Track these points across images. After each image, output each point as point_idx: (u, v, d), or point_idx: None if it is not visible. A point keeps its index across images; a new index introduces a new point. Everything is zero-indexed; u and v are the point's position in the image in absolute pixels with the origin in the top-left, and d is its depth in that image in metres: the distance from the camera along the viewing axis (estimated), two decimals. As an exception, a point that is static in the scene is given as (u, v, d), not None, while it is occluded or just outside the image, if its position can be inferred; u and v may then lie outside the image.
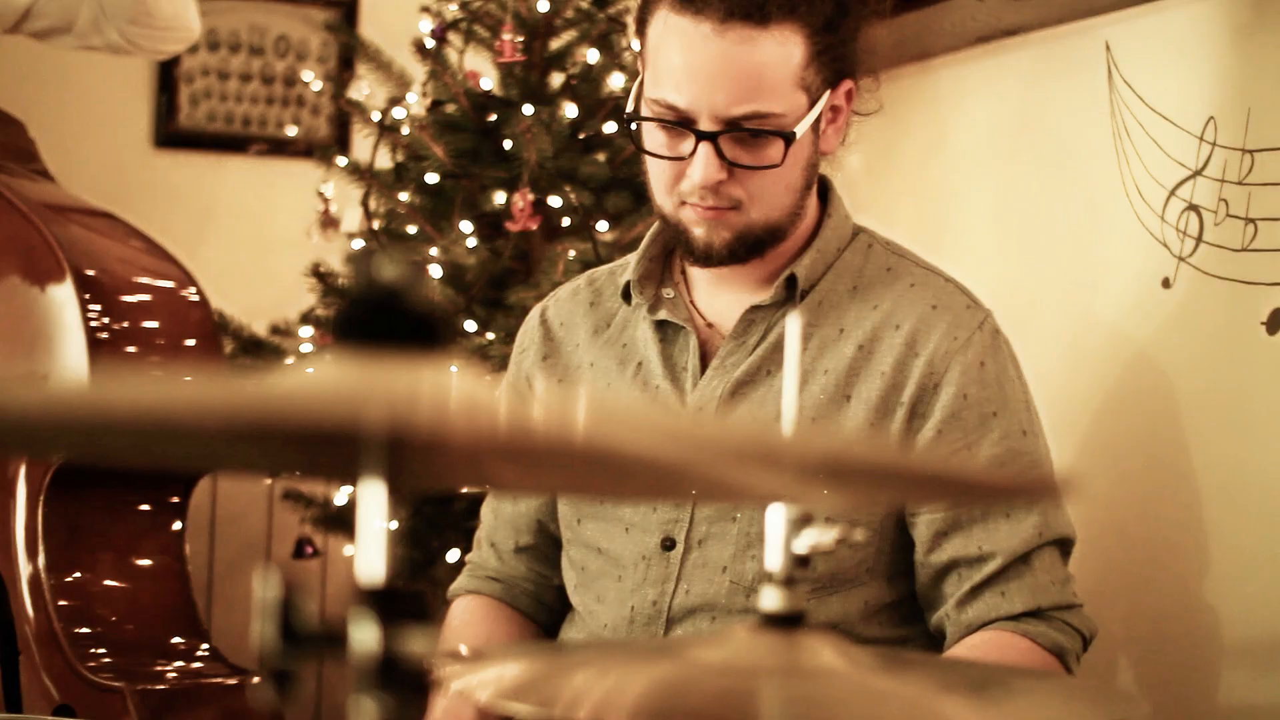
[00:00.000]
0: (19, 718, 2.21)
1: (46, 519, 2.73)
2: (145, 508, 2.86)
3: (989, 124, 2.82)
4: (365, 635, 0.77)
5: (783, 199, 1.93)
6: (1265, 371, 2.18)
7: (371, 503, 0.79)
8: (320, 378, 0.70)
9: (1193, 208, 2.31)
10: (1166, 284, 2.34)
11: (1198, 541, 2.30)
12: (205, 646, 2.84)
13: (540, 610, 2.16)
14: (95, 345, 2.68)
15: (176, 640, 2.83)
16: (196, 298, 2.87)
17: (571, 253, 3.01)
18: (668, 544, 1.96)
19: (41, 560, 2.71)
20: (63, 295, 2.72)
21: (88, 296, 2.71)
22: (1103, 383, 2.49)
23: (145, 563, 2.86)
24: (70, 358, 2.70)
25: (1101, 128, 2.49)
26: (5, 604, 2.72)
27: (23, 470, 2.73)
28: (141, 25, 2.96)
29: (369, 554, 0.79)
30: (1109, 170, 2.47)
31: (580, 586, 2.06)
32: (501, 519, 2.17)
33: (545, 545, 2.15)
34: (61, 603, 2.70)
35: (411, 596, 0.77)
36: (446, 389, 0.73)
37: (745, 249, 1.94)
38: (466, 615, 2.14)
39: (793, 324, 1.12)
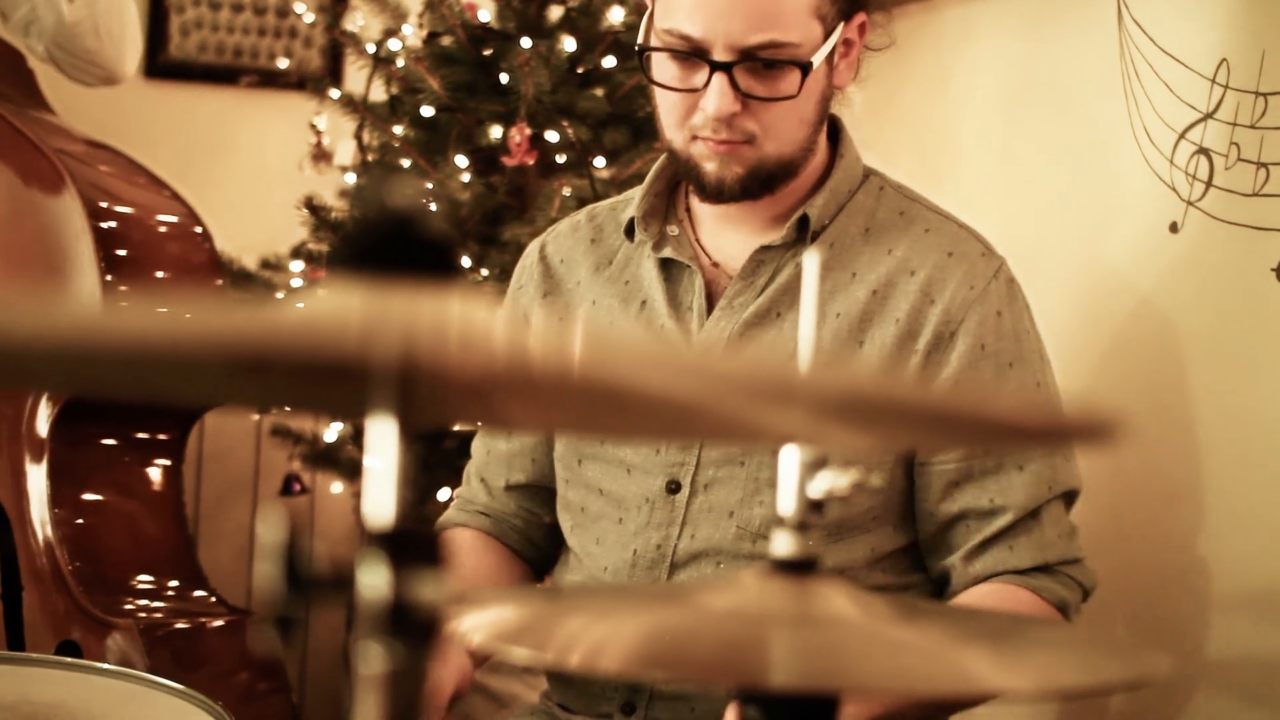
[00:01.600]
0: (22, 655, 2.19)
1: (52, 454, 2.72)
2: (146, 445, 2.85)
3: (994, 65, 2.77)
4: (374, 579, 0.73)
5: (796, 133, 1.90)
6: (1275, 320, 2.15)
7: (380, 440, 0.75)
8: (329, 306, 0.66)
9: (1203, 151, 2.27)
10: (1174, 229, 2.30)
11: (1196, 493, 2.28)
12: (201, 584, 2.85)
13: (529, 548, 2.14)
14: (106, 276, 2.67)
15: (174, 577, 2.83)
16: (200, 231, 2.87)
17: (567, 189, 2.98)
18: (673, 487, 1.93)
19: (46, 495, 2.70)
20: (75, 225, 2.70)
21: (99, 227, 2.70)
22: (1106, 329, 2.45)
23: (146, 500, 2.86)
24: (82, 288, 2.69)
25: (1110, 69, 2.44)
26: (10, 539, 2.72)
27: (29, 406, 2.71)
28: (64, 50, 2.94)
29: (377, 494, 0.75)
30: (1117, 113, 2.42)
31: (578, 528, 2.03)
32: (494, 455, 2.14)
33: (537, 484, 2.12)
34: (65, 538, 2.69)
35: (423, 539, 0.74)
36: (460, 319, 0.69)
37: (758, 184, 1.90)
38: (454, 547, 2.11)
39: (810, 262, 1.08)
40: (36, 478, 2.72)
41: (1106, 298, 2.45)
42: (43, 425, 2.73)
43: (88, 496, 2.78)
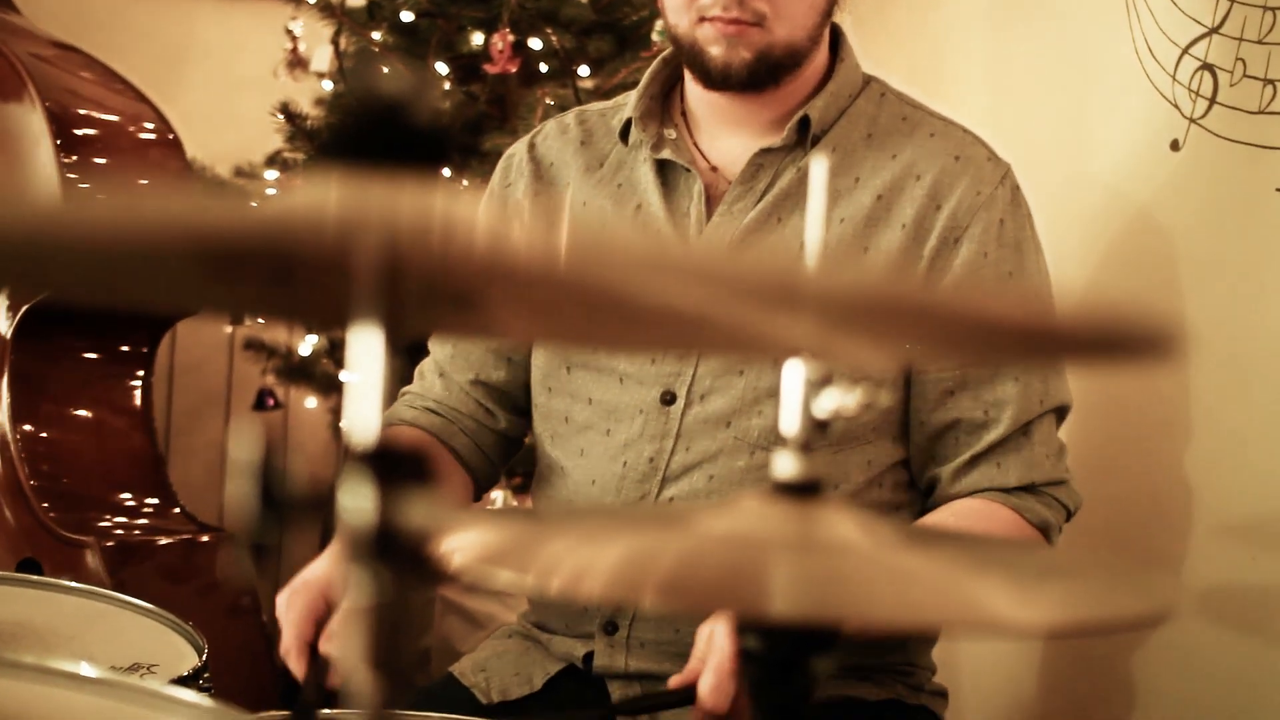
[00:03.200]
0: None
1: (14, 366, 2.65)
2: (112, 357, 2.80)
3: (990, -25, 2.70)
4: (356, 500, 0.67)
5: (806, 18, 1.87)
6: (1278, 241, 2.10)
7: (362, 351, 0.69)
8: (307, 199, 0.60)
9: (1207, 67, 2.21)
10: (1175, 146, 2.24)
11: (1185, 417, 2.24)
12: (170, 500, 2.80)
13: (474, 455, 2.05)
14: (66, 182, 2.60)
15: (142, 494, 2.78)
16: (171, 138, 2.81)
17: (550, 99, 2.92)
18: (667, 398, 1.88)
19: (6, 408, 2.64)
20: (34, 129, 2.64)
21: (61, 132, 2.63)
22: (1098, 244, 2.40)
23: (111, 414, 2.81)
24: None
25: (1111, -21, 2.38)
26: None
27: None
28: None
29: (360, 409, 0.69)
30: (1117, 25, 2.36)
31: (559, 438, 1.97)
32: (462, 350, 2.06)
33: (504, 384, 2.05)
34: (27, 453, 2.64)
35: (407, 457, 0.68)
36: (447, 211, 0.62)
37: (765, 71, 1.86)
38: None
39: (818, 166, 1.02)
40: (-2, 388, 2.66)
41: (1102, 215, 2.39)
42: (4, 334, 2.67)
43: (51, 408, 2.73)
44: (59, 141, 2.63)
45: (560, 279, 0.70)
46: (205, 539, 2.72)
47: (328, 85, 3.22)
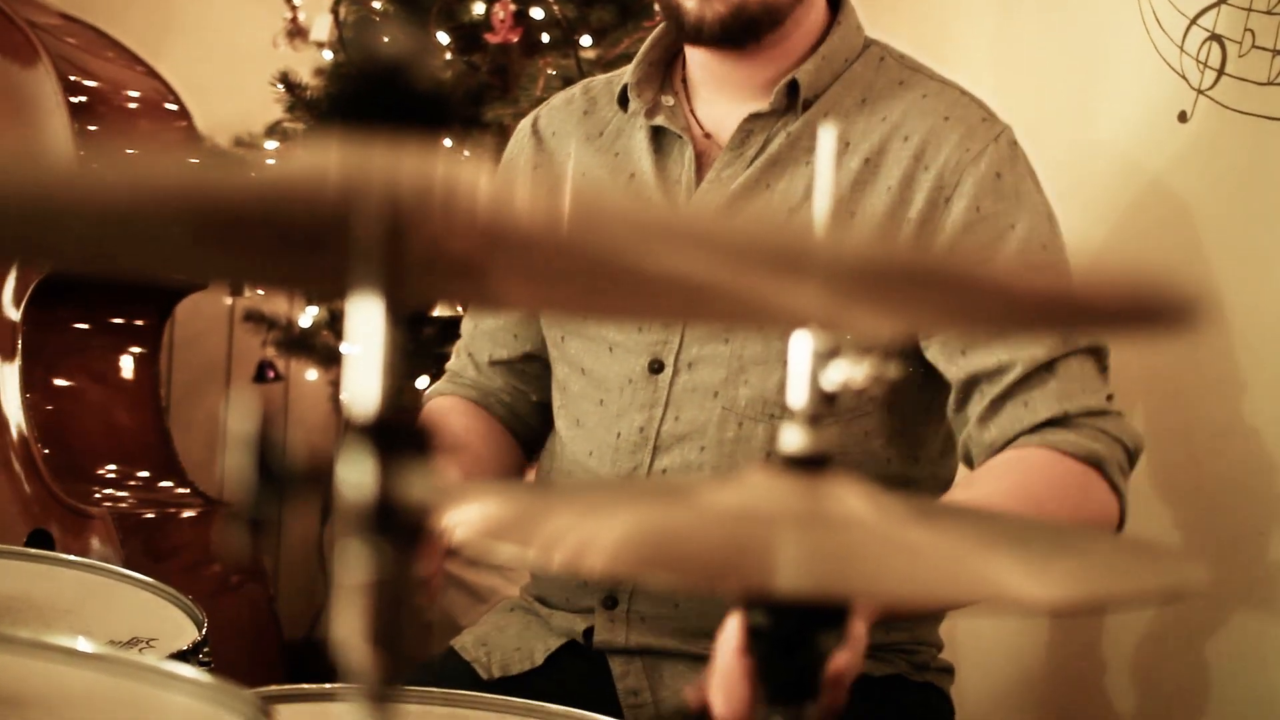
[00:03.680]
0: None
1: (25, 338, 2.66)
2: (121, 330, 2.80)
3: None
4: (355, 473, 0.66)
5: None
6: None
7: (362, 321, 0.67)
8: (307, 161, 0.58)
9: (1215, 38, 2.19)
10: (1183, 118, 2.22)
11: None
12: (179, 474, 2.80)
13: (517, 423, 2.07)
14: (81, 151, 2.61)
15: (152, 467, 2.79)
16: (177, 108, 2.80)
17: (552, 69, 2.90)
18: (655, 366, 1.86)
19: (18, 381, 2.64)
20: (50, 100, 2.63)
21: (73, 102, 2.63)
22: (1106, 216, 2.38)
23: (121, 387, 2.81)
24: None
25: (1119, -51, 2.36)
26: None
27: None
28: None
29: (359, 381, 0.67)
30: (1126, -4, 2.34)
31: (562, 408, 1.97)
32: (481, 330, 2.09)
33: (521, 359, 2.06)
34: (38, 424, 2.64)
35: (408, 430, 0.66)
36: (448, 176, 0.61)
37: (740, 27, 1.82)
38: (442, 409, 2.05)
39: (826, 135, 1.00)
40: (8, 362, 2.66)
41: (1110, 187, 2.37)
42: (13, 310, 2.67)
43: (61, 382, 2.74)
44: (71, 111, 2.63)
45: (562, 245, 0.69)
46: (207, 511, 2.72)
47: (328, 55, 3.20)
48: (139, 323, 2.83)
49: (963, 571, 0.92)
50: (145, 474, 2.77)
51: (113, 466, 2.75)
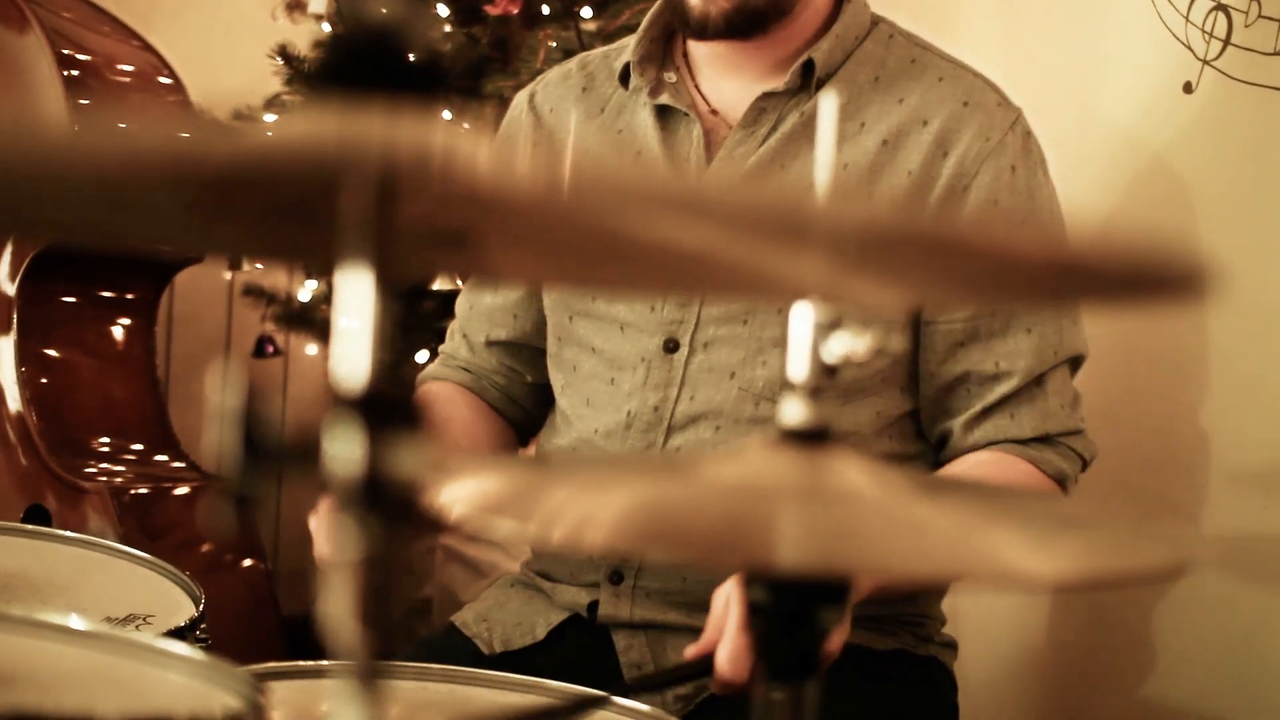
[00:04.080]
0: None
1: (20, 312, 2.65)
2: (117, 304, 2.79)
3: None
4: (343, 448, 0.64)
5: None
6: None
7: (353, 293, 0.66)
8: (299, 129, 0.57)
9: (1221, 8, 2.17)
10: (1188, 89, 2.20)
11: (1201, 363, 2.20)
12: (177, 450, 2.79)
13: (511, 406, 2.06)
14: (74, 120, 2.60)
15: (149, 442, 2.78)
16: (171, 81, 2.79)
17: (553, 41, 2.89)
18: (670, 346, 1.85)
19: (14, 354, 2.63)
20: (43, 72, 2.62)
21: (66, 75, 2.62)
22: (1110, 188, 2.36)
23: (117, 361, 2.81)
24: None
25: (1124, -85, 2.33)
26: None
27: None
28: None
29: (348, 352, 0.66)
30: (1130, -35, 2.32)
31: (569, 388, 1.95)
32: (478, 309, 2.07)
33: (520, 340, 2.04)
34: (33, 398, 2.63)
35: (399, 404, 0.65)
36: (443, 143, 0.59)
37: (745, 20, 1.82)
38: (433, 396, 2.04)
39: (827, 103, 0.99)
40: (3, 336, 2.65)
41: (1114, 159, 2.35)
42: (8, 284, 2.66)
43: (57, 355, 2.73)
44: (67, 85, 2.62)
45: (561, 215, 0.67)
46: (205, 486, 2.72)
47: (326, 27, 3.19)
48: (133, 296, 2.82)
49: (965, 547, 0.91)
50: (140, 447, 2.76)
51: (107, 440, 2.74)
